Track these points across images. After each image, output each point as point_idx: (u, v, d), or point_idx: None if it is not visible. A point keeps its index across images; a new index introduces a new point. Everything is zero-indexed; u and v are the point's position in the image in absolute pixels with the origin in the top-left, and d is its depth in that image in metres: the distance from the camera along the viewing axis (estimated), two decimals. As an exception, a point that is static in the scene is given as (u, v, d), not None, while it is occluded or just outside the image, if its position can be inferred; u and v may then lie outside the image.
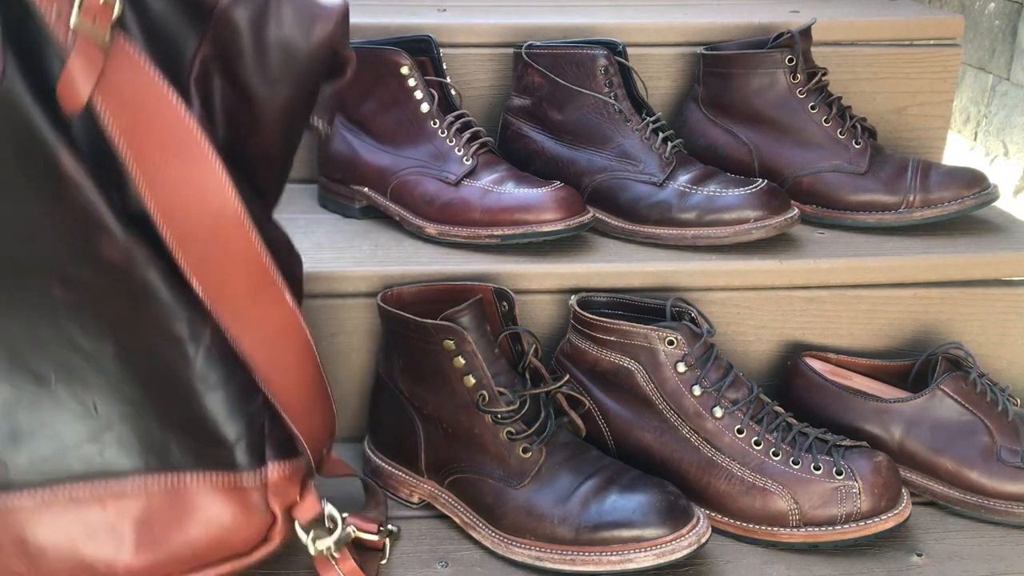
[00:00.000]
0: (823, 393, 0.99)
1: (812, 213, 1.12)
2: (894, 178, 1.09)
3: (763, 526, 0.88)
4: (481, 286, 0.93)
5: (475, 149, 1.05)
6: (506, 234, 1.00)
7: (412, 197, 1.05)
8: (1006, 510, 0.91)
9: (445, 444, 0.90)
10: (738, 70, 1.12)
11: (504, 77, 1.19)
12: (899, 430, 0.95)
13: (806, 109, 1.11)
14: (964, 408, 0.95)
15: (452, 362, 0.87)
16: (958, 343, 1.00)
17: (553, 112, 1.10)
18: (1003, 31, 1.87)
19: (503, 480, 0.86)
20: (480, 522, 0.88)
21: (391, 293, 0.95)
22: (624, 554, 0.81)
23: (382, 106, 1.07)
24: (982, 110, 1.97)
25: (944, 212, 1.08)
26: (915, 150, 1.26)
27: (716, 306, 1.04)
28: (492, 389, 0.86)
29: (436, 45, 1.09)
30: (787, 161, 1.12)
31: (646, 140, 1.07)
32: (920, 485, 0.95)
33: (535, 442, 0.86)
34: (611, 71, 1.08)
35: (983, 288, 1.07)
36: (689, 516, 0.83)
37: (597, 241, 1.07)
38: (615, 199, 1.06)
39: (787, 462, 0.88)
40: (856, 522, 0.86)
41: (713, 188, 1.03)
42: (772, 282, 1.04)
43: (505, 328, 0.92)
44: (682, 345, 0.91)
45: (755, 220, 1.01)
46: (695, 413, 0.90)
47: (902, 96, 1.24)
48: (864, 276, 1.05)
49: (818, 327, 1.06)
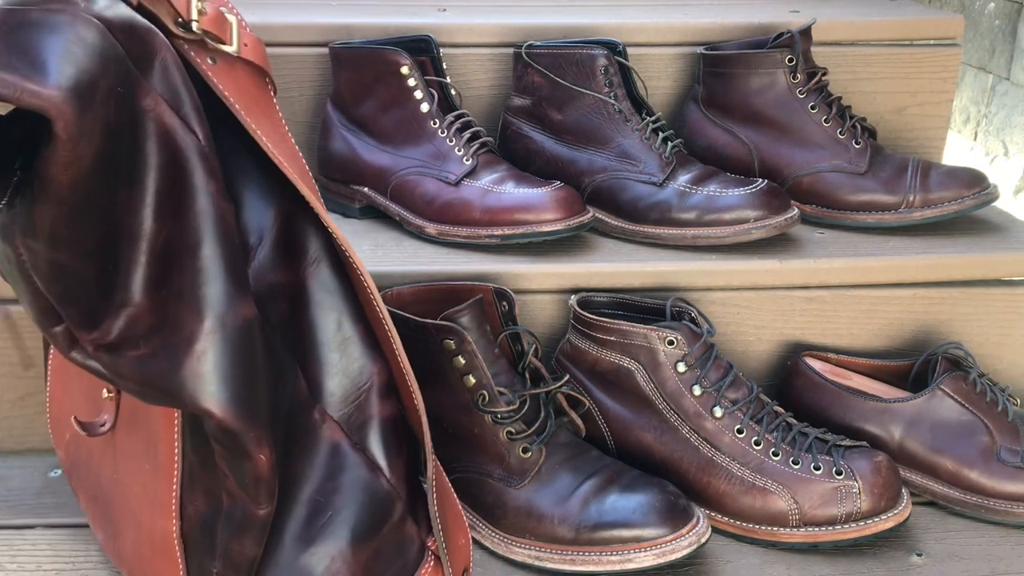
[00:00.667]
0: (823, 393, 0.99)
1: (812, 213, 1.12)
2: (894, 178, 1.09)
3: (763, 526, 0.88)
4: (481, 286, 0.93)
5: (475, 149, 1.05)
6: (506, 234, 1.00)
7: (412, 197, 1.05)
8: (1006, 510, 0.91)
9: (445, 444, 0.90)
10: (738, 70, 1.12)
11: (504, 77, 1.19)
12: (899, 430, 0.95)
13: (806, 109, 1.11)
14: (964, 408, 0.95)
15: (452, 362, 0.87)
16: (958, 343, 1.00)
17: (553, 112, 1.10)
18: (1003, 31, 1.87)
19: (503, 480, 0.86)
20: (480, 522, 0.88)
21: (391, 293, 0.95)
22: (624, 554, 0.81)
23: (382, 106, 1.07)
24: (982, 110, 1.97)
25: (944, 212, 1.08)
26: (915, 150, 1.26)
27: (716, 306, 1.04)
28: (492, 389, 0.86)
29: (436, 45, 1.09)
30: (787, 161, 1.12)
31: (646, 140, 1.07)
32: (920, 485, 0.95)
33: (535, 442, 0.86)
34: (611, 71, 1.08)
35: (983, 288, 1.07)
36: (689, 516, 0.83)
37: (597, 241, 1.07)
38: (615, 199, 1.06)
39: (787, 462, 0.88)
40: (856, 522, 0.86)
41: (713, 188, 1.03)
42: (772, 282, 1.04)
43: (505, 328, 0.92)
44: (682, 345, 0.91)
45: (755, 220, 1.01)
46: (695, 413, 0.90)
47: (902, 96, 1.24)
48: (864, 276, 1.05)
49: (818, 327, 1.06)
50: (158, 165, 0.61)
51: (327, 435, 0.72)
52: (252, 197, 0.72)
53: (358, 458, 0.73)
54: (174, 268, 0.62)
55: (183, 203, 0.62)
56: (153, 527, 0.73)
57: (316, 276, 0.74)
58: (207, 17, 0.66)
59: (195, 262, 0.62)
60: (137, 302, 0.62)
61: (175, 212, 0.62)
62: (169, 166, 0.62)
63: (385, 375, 0.75)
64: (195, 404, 0.62)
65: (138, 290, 0.62)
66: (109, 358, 0.62)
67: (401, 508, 0.74)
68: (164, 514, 0.72)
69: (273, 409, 0.67)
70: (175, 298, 0.62)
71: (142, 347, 0.62)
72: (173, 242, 0.62)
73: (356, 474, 0.72)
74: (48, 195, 0.56)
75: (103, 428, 0.77)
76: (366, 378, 0.74)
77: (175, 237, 0.62)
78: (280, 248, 0.72)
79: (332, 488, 0.71)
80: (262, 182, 0.72)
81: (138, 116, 0.60)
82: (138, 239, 0.61)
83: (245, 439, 0.63)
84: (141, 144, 0.61)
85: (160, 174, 0.61)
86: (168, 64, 0.62)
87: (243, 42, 0.69)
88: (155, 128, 0.61)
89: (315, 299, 0.73)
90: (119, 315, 0.62)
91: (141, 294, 0.62)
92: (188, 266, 0.62)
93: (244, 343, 0.63)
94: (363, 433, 0.74)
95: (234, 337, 0.62)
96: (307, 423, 0.72)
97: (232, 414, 0.62)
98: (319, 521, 0.70)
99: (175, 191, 0.62)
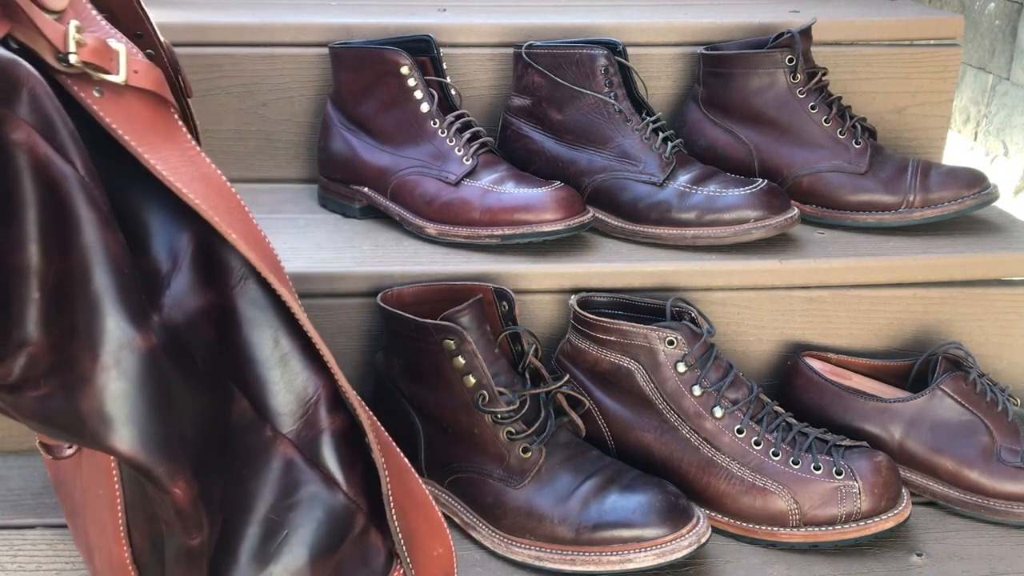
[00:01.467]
0: (823, 393, 0.99)
1: (812, 213, 1.12)
2: (894, 178, 1.09)
3: (763, 526, 0.88)
4: (481, 286, 0.93)
5: (475, 149, 1.05)
6: (506, 234, 1.00)
7: (412, 197, 1.05)
8: (1006, 510, 0.91)
9: (445, 444, 0.90)
10: (738, 70, 1.12)
11: (504, 77, 1.19)
12: (899, 430, 0.95)
13: (806, 109, 1.11)
14: (964, 408, 0.95)
15: (452, 362, 0.87)
16: (958, 343, 1.00)
17: (553, 112, 1.10)
18: (1003, 31, 1.87)
19: (503, 480, 0.86)
20: (480, 522, 0.88)
21: (391, 293, 0.95)
22: (624, 554, 0.81)
23: (382, 106, 1.07)
24: (982, 110, 1.97)
25: (944, 212, 1.08)
26: (915, 150, 1.26)
27: (716, 306, 1.04)
28: (492, 389, 0.86)
29: (436, 45, 1.09)
30: (787, 161, 1.12)
31: (646, 140, 1.07)
32: (920, 485, 0.95)
33: (535, 442, 0.86)
34: (611, 71, 1.08)
35: (983, 288, 1.07)
36: (689, 516, 0.83)
37: (597, 241, 1.07)
38: (615, 199, 1.06)
39: (787, 462, 0.88)
40: (856, 522, 0.86)
41: (713, 188, 1.03)
42: (772, 282, 1.04)
43: (505, 328, 0.92)
44: (682, 345, 0.91)
45: (755, 220, 1.01)
46: (695, 413, 0.90)
47: (902, 96, 1.24)
48: (864, 276, 1.05)
49: (818, 327, 1.06)
50: (37, 199, 0.59)
51: (280, 452, 0.71)
52: (161, 223, 0.69)
53: (313, 474, 0.72)
54: (66, 304, 0.61)
55: (68, 236, 0.60)
56: (110, 552, 0.73)
57: (244, 294, 0.71)
58: (87, 48, 0.64)
59: (85, 296, 0.60)
60: (35, 340, 0.60)
61: (60, 245, 0.60)
62: (48, 199, 0.60)
63: (332, 387, 0.73)
64: (99, 443, 0.60)
65: (34, 328, 0.60)
66: (11, 398, 0.61)
67: (363, 519, 0.73)
68: (115, 540, 0.72)
69: (202, 437, 0.66)
70: (68, 335, 0.60)
71: (42, 386, 0.61)
72: (63, 277, 0.60)
73: (311, 489, 0.71)
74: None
75: (68, 451, 0.76)
76: (312, 392, 0.73)
77: (64, 272, 0.60)
78: (198, 270, 0.70)
79: (287, 506, 0.71)
80: (171, 207, 0.69)
81: (8, 150, 0.59)
82: (27, 276, 0.60)
83: (156, 473, 0.62)
84: (15, 178, 0.59)
85: (40, 208, 0.60)
86: (37, 94, 0.60)
87: (132, 69, 0.67)
88: (28, 160, 0.59)
89: (246, 317, 0.71)
90: (19, 355, 0.60)
91: (37, 332, 0.60)
92: (79, 301, 0.61)
93: (145, 377, 0.61)
94: (315, 448, 0.73)
95: (132, 372, 0.61)
96: (256, 442, 0.71)
97: (138, 451, 0.61)
98: (275, 540, 0.70)
99: (58, 224, 0.60)
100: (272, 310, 0.72)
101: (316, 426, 0.73)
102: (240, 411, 0.71)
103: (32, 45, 0.64)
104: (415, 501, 0.76)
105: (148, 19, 0.74)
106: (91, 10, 0.68)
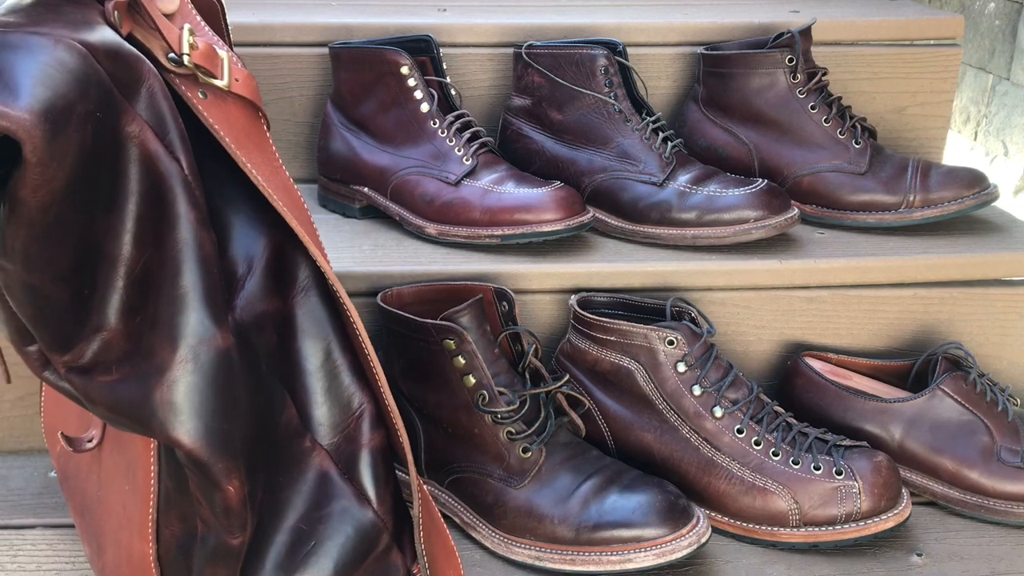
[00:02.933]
0: (823, 393, 0.99)
1: (812, 213, 1.12)
2: (894, 178, 1.09)
3: (763, 526, 0.88)
4: (481, 286, 0.93)
5: (475, 149, 1.05)
6: (506, 234, 1.00)
7: (412, 197, 1.05)
8: (1006, 510, 0.91)
9: (445, 444, 0.90)
10: (738, 70, 1.12)
11: (504, 77, 1.19)
12: (899, 430, 0.95)
13: (806, 109, 1.11)
14: (964, 408, 0.95)
15: (452, 362, 0.87)
16: (958, 343, 1.00)
17: (553, 112, 1.10)
18: (1003, 31, 1.87)
19: (503, 480, 0.86)
20: (480, 522, 0.88)
21: (391, 293, 0.95)
22: (624, 554, 0.81)
23: (382, 106, 1.07)
24: (982, 110, 1.97)
25: (944, 212, 1.08)
26: (915, 150, 1.26)
27: (716, 306, 1.04)
28: (492, 389, 0.86)
29: (436, 45, 1.09)
30: (787, 161, 1.12)
31: (646, 140, 1.07)
32: (920, 485, 0.95)
33: (535, 442, 0.86)
34: (611, 71, 1.08)
35: (983, 288, 1.07)
36: (689, 516, 0.83)
37: (597, 241, 1.07)
38: (615, 199, 1.06)
39: (787, 462, 0.88)
40: (856, 522, 0.86)
41: (713, 188, 1.03)
42: (772, 282, 1.04)
43: (505, 328, 0.92)
44: (682, 345, 0.91)
45: (755, 220, 1.01)
46: (695, 413, 0.90)
47: (902, 96, 1.24)
48: (864, 276, 1.05)
49: (818, 327, 1.06)
50: (140, 191, 0.61)
51: (316, 464, 0.72)
52: (242, 227, 0.71)
53: (347, 488, 0.73)
54: (151, 295, 0.61)
55: (164, 230, 0.61)
56: (131, 548, 0.73)
57: (305, 305, 0.73)
58: (198, 52, 0.66)
59: (172, 290, 0.61)
60: (112, 327, 0.61)
61: (155, 239, 0.61)
62: (151, 192, 0.61)
63: (375, 405, 0.74)
64: (164, 433, 0.61)
65: (113, 315, 0.61)
66: (80, 381, 0.62)
67: (387, 539, 0.74)
68: (141, 536, 0.72)
69: (254, 439, 0.66)
70: (149, 325, 0.61)
71: (114, 372, 0.61)
72: (151, 269, 0.61)
73: (343, 504, 0.72)
74: (18, 216, 0.55)
75: (90, 444, 0.76)
76: (356, 407, 0.74)
77: (154, 264, 0.61)
78: (269, 277, 0.71)
79: (318, 517, 0.71)
80: (252, 213, 0.71)
81: (121, 141, 0.60)
82: (116, 264, 0.61)
83: (214, 470, 0.62)
84: (123, 169, 0.60)
85: (141, 200, 0.61)
86: (155, 91, 0.62)
87: (234, 77, 0.69)
88: (138, 154, 0.60)
89: (303, 327, 0.73)
90: (93, 339, 0.61)
91: (116, 319, 0.61)
92: (165, 294, 0.61)
93: (217, 374, 0.62)
94: (352, 462, 0.73)
95: (207, 367, 0.61)
96: (296, 451, 0.71)
97: (201, 445, 0.61)
98: (302, 550, 0.70)
99: (156, 218, 0.61)
100: (328, 323, 0.73)
101: (356, 441, 0.73)
102: (288, 418, 0.71)
103: (147, 44, 0.65)
104: (436, 527, 0.77)
105: (229, 33, 0.76)
106: (196, 16, 0.70)
